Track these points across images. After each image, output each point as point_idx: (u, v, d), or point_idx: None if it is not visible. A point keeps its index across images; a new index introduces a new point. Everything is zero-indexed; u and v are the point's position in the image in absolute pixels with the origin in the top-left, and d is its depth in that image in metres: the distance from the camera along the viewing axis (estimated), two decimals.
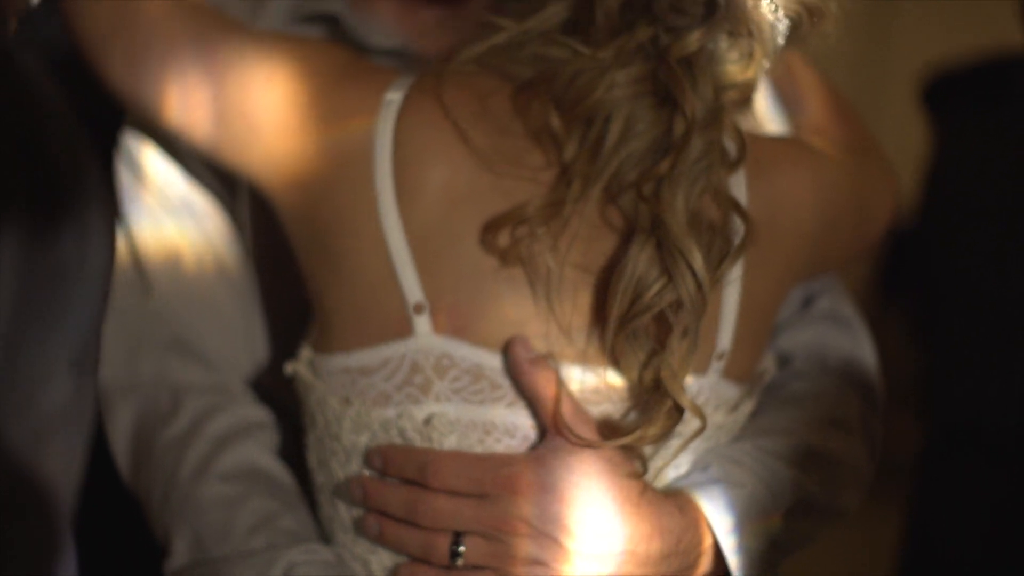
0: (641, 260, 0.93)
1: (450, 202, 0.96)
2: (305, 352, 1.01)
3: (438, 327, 0.95)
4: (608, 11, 0.96)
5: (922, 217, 1.99)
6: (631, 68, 0.96)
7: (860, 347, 1.18)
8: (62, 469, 0.61)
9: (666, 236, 0.93)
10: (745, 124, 1.07)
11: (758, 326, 1.03)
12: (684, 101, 0.94)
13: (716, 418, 1.00)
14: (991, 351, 1.94)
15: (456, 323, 0.95)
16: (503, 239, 0.95)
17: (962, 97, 2.12)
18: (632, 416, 0.96)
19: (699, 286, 0.92)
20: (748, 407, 1.04)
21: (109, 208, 0.63)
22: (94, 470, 1.08)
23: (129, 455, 1.10)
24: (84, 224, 0.60)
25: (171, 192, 1.13)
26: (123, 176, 1.14)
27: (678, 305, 0.93)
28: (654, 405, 0.94)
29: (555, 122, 0.96)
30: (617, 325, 0.94)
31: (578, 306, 0.96)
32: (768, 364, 1.09)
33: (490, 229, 0.95)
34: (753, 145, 0.99)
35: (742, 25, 0.97)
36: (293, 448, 1.08)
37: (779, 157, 1.06)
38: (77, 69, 1.07)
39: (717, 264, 0.94)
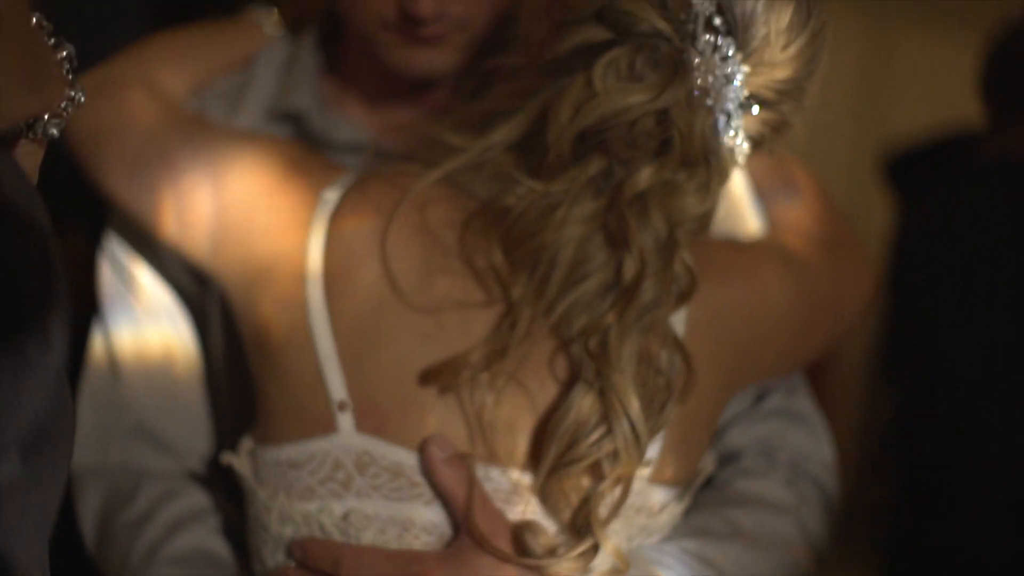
0: (583, 407, 0.93)
1: (378, 304, 0.98)
2: (246, 443, 1.05)
3: (360, 425, 0.97)
4: (559, 142, 0.94)
5: (890, 287, 2.07)
6: (583, 205, 0.94)
7: (815, 443, 1.16)
8: (23, 541, 0.65)
9: (608, 387, 0.93)
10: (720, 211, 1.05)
11: (690, 435, 1.02)
12: (635, 245, 0.92)
13: (638, 520, 1.00)
14: (958, 409, 1.98)
15: (377, 422, 0.97)
16: (445, 379, 0.96)
17: (922, 172, 2.19)
18: (549, 525, 0.97)
19: (637, 439, 0.93)
20: (676, 509, 1.03)
21: (69, 311, 0.68)
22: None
23: (94, 534, 1.16)
24: (46, 329, 0.64)
25: (146, 288, 1.18)
26: (104, 273, 1.20)
27: (614, 455, 0.93)
28: (574, 540, 0.94)
29: (499, 261, 0.96)
30: (550, 468, 0.94)
31: (512, 435, 0.96)
32: (706, 464, 1.08)
33: (431, 375, 0.96)
34: (699, 257, 0.97)
35: (699, 155, 0.95)
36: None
37: (723, 268, 1.04)
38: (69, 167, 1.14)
39: (658, 411, 0.95)
